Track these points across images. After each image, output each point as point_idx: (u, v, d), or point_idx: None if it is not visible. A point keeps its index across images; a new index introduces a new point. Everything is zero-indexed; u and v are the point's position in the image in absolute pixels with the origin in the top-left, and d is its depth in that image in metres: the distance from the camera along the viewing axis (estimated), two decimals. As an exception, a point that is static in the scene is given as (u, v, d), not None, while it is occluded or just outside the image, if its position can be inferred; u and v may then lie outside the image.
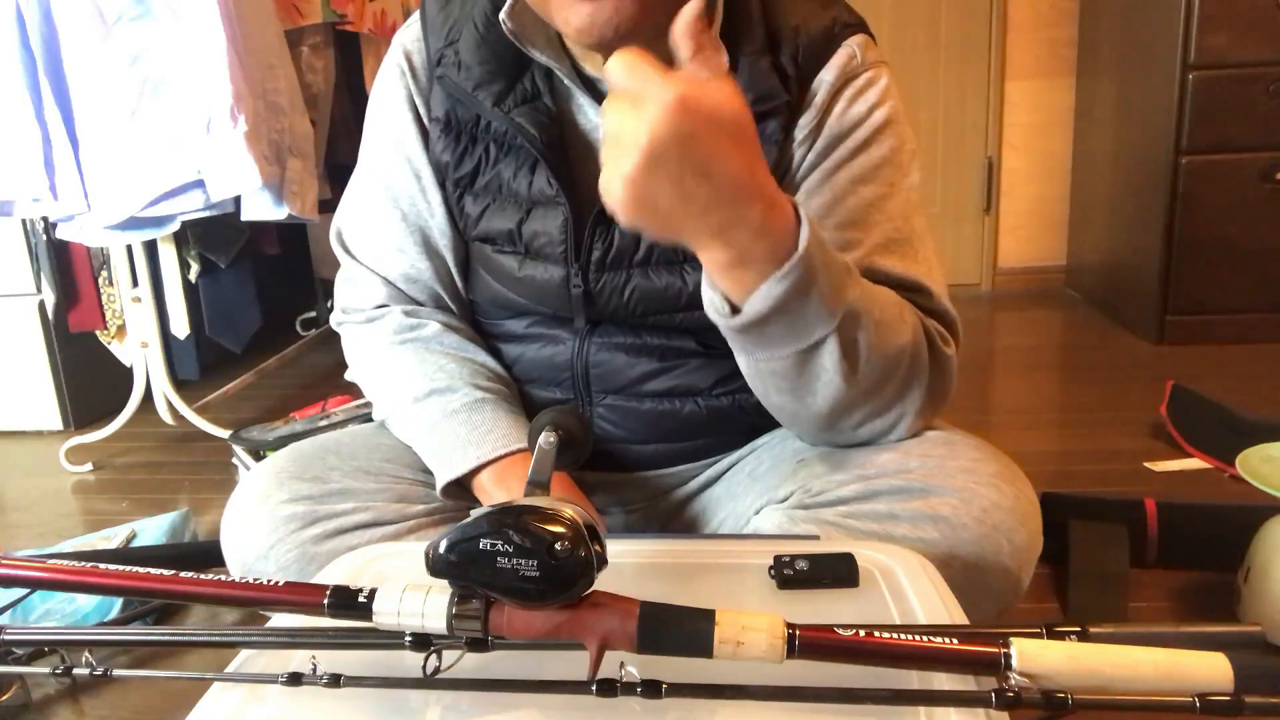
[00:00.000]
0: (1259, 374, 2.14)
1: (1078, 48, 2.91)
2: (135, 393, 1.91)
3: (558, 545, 0.46)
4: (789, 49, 0.81)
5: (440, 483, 0.82)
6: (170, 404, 1.91)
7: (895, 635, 0.48)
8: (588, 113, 0.85)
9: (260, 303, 2.19)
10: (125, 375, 1.96)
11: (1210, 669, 0.45)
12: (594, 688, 0.47)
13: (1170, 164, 2.27)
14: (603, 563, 0.47)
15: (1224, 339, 2.33)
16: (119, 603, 1.22)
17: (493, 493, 0.80)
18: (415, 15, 0.91)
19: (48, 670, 0.54)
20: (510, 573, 0.46)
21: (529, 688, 0.49)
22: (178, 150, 1.60)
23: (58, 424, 2.12)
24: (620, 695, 0.47)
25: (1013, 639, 0.47)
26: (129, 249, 1.85)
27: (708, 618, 0.47)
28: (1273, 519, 1.09)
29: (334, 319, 0.97)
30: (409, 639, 0.50)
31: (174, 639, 0.82)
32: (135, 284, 1.88)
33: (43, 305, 2.04)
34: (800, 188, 0.83)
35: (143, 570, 0.53)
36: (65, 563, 0.54)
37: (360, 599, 0.50)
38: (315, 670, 0.50)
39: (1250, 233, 2.28)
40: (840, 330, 0.68)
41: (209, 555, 1.32)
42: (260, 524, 0.79)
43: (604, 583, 0.48)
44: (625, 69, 0.56)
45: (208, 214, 1.69)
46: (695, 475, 0.94)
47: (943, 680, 0.50)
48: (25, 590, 0.73)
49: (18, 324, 2.06)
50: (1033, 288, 3.09)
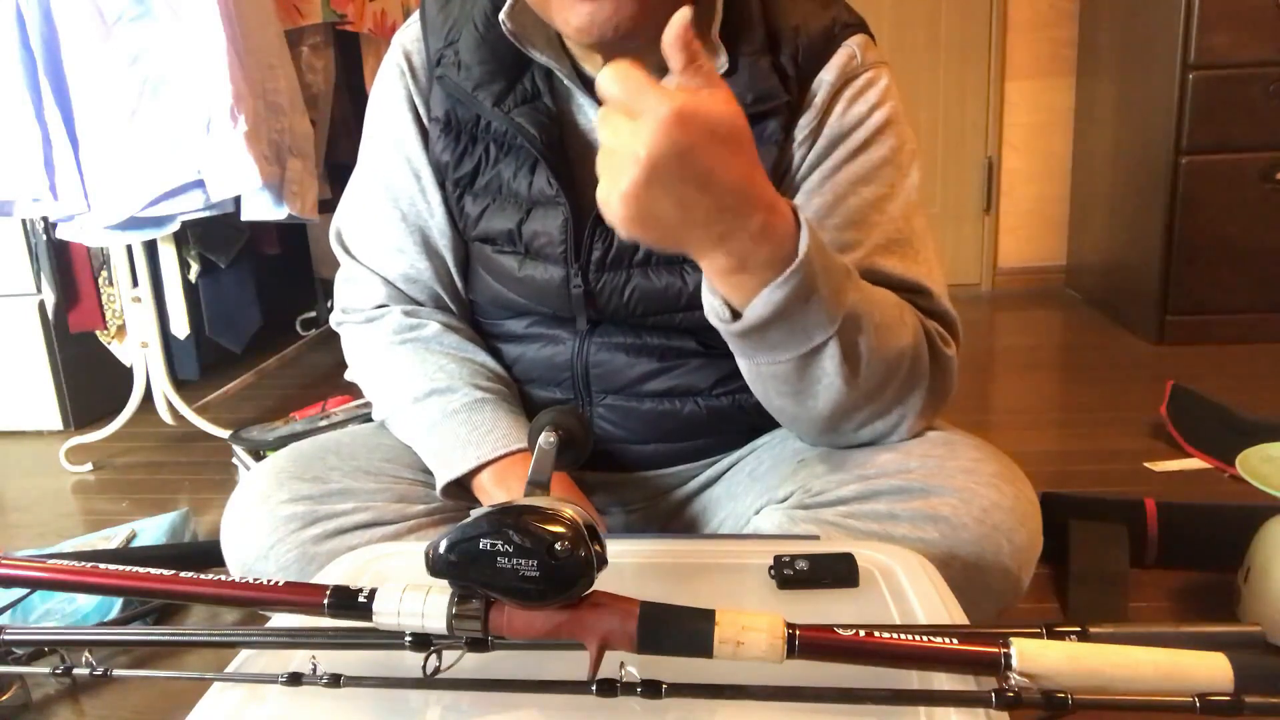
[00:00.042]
0: (1259, 374, 2.14)
1: (1078, 48, 2.91)
2: (135, 393, 1.91)
3: (558, 545, 0.46)
4: (789, 49, 0.81)
5: (440, 483, 0.82)
6: (170, 404, 1.91)
7: (895, 635, 0.48)
8: (588, 113, 0.85)
9: (260, 303, 2.19)
10: (125, 375, 1.96)
11: (1210, 669, 0.45)
12: (594, 688, 0.47)
13: (1170, 164, 2.27)
14: (603, 563, 0.47)
15: (1224, 339, 2.33)
16: (119, 603, 1.22)
17: (493, 493, 0.80)
18: (415, 15, 0.91)
19: (48, 670, 0.54)
20: (510, 573, 0.46)
21: (529, 688, 0.49)
22: (178, 150, 1.60)
23: (58, 424, 2.12)
24: (620, 695, 0.47)
25: (1013, 639, 0.47)
26: (129, 249, 1.85)
27: (708, 618, 0.47)
28: (1273, 519, 1.09)
29: (334, 319, 0.97)
30: (409, 639, 0.50)
31: (174, 639, 0.82)
32: (135, 284, 1.88)
33: (43, 305, 2.04)
34: (800, 188, 0.82)
35: (143, 570, 0.53)
36: (65, 563, 0.54)
37: (360, 599, 0.50)
38: (315, 670, 0.50)
39: (1250, 233, 2.28)
40: (841, 334, 0.68)
41: (209, 555, 1.32)
42: (260, 524, 0.79)
43: (604, 583, 0.48)
44: (619, 81, 0.55)
45: (208, 214, 1.69)
46: (695, 475, 0.94)
47: (943, 680, 0.50)
48: (25, 590, 0.73)
49: (18, 324, 2.06)
50: (1033, 288, 3.09)
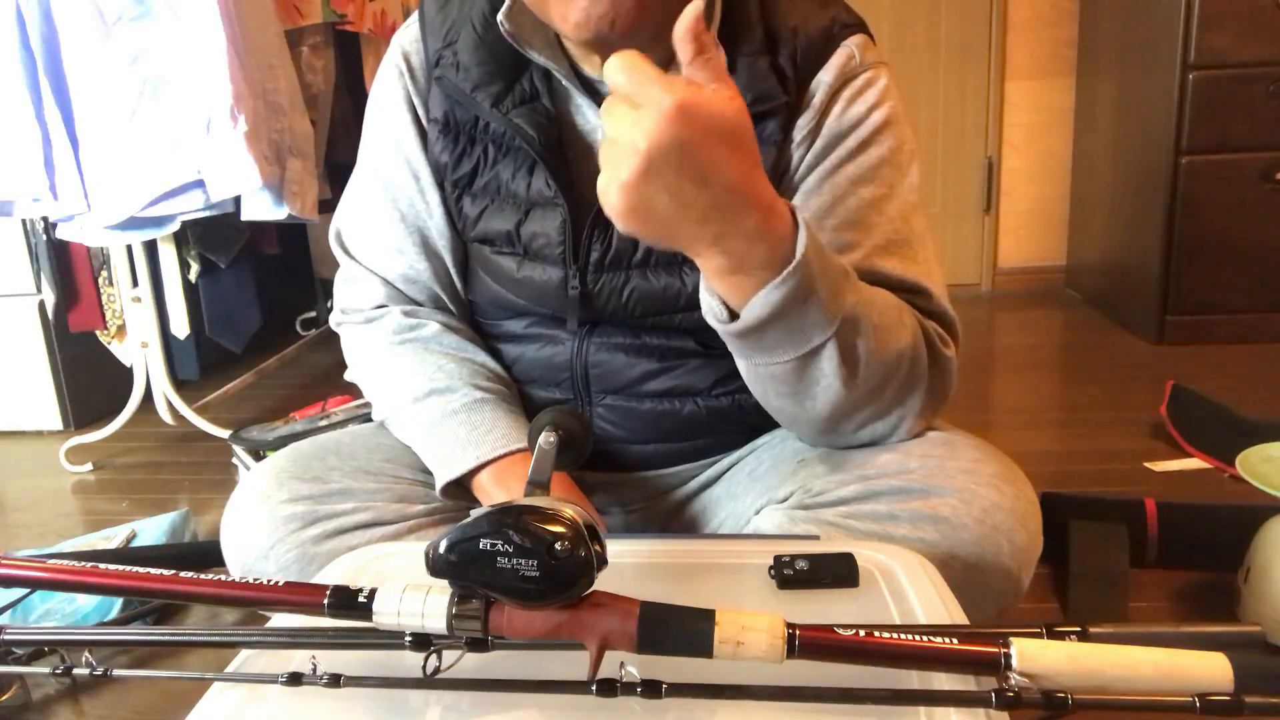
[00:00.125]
0: (1259, 374, 2.14)
1: (1078, 48, 2.91)
2: (135, 393, 1.91)
3: (558, 545, 0.46)
4: (787, 49, 0.81)
5: (440, 483, 0.82)
6: (170, 404, 1.91)
7: (895, 635, 0.48)
8: (586, 114, 0.85)
9: (260, 303, 2.19)
10: (125, 375, 1.96)
11: (1210, 669, 0.45)
12: (594, 688, 0.47)
13: (1170, 164, 2.27)
14: (603, 563, 0.47)
15: (1224, 339, 2.33)
16: (119, 603, 1.22)
17: (492, 493, 0.80)
18: (414, 16, 0.91)
19: (48, 670, 0.54)
20: (510, 573, 0.46)
21: (529, 688, 0.49)
22: (178, 150, 1.60)
23: (58, 424, 2.12)
24: (620, 695, 0.47)
25: (1013, 639, 0.47)
26: (129, 249, 1.85)
27: (708, 618, 0.47)
28: (1273, 519, 1.09)
29: (333, 319, 0.97)
30: (409, 639, 0.50)
31: (174, 639, 0.82)
32: (135, 284, 1.88)
33: (43, 305, 2.04)
34: (799, 189, 0.82)
35: (143, 570, 0.53)
36: (65, 563, 0.54)
37: (360, 599, 0.50)
38: (315, 670, 0.50)
39: (1250, 233, 2.28)
40: (839, 335, 0.68)
41: (209, 555, 1.32)
42: (260, 524, 0.79)
43: (604, 583, 0.48)
44: (624, 71, 0.55)
45: (208, 214, 1.69)
46: (695, 475, 0.94)
47: (943, 680, 0.50)
48: (25, 590, 0.73)
49: (18, 324, 2.06)
50: (1033, 288, 3.09)
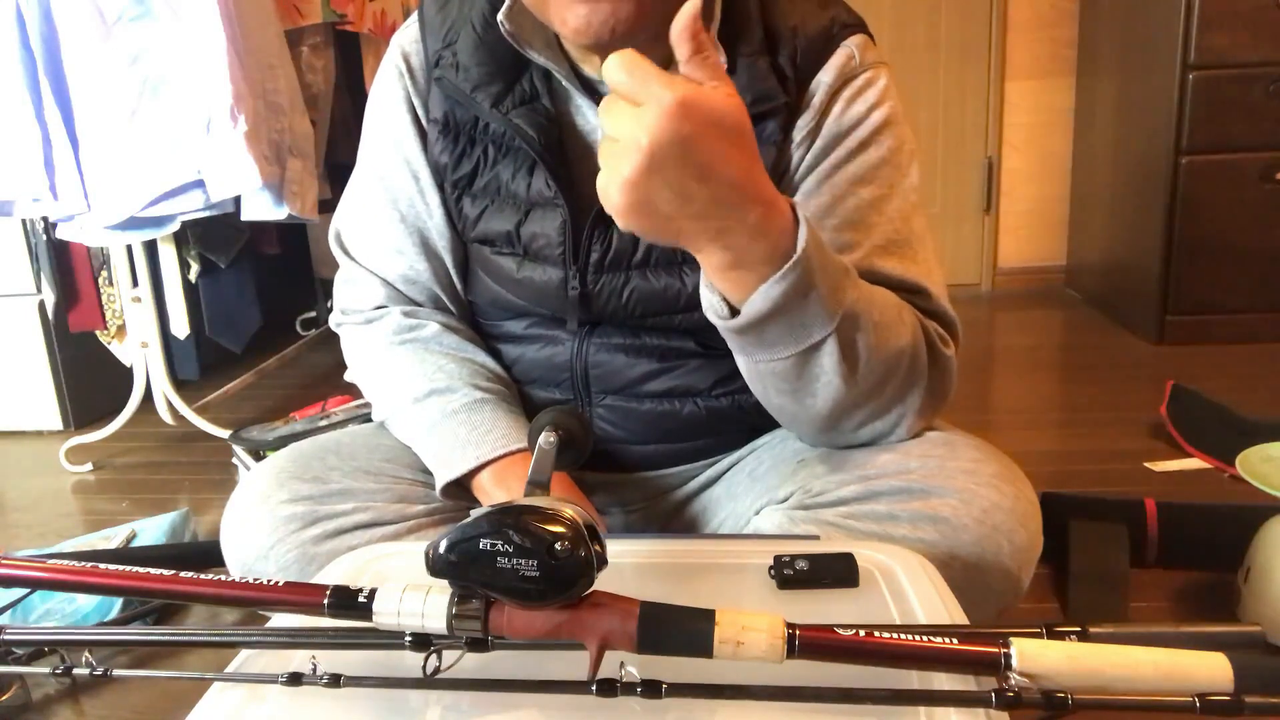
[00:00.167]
0: (1259, 374, 2.14)
1: (1078, 48, 2.91)
2: (135, 393, 1.91)
3: (558, 545, 0.46)
4: (787, 49, 0.81)
5: (440, 483, 0.82)
6: (170, 404, 1.91)
7: (895, 635, 0.48)
8: (586, 114, 0.85)
9: (260, 303, 2.19)
10: (125, 375, 1.96)
11: (1210, 669, 0.45)
12: (594, 688, 0.47)
13: (1170, 164, 2.27)
14: (603, 563, 0.47)
15: (1224, 339, 2.33)
16: (119, 603, 1.22)
17: (492, 493, 0.80)
18: (414, 16, 0.91)
19: (48, 670, 0.54)
20: (510, 573, 0.46)
21: (529, 688, 0.49)
22: (178, 150, 1.60)
23: (58, 424, 2.12)
24: (620, 695, 0.47)
25: (1013, 639, 0.47)
26: (129, 249, 1.85)
27: (708, 618, 0.47)
28: (1273, 519, 1.09)
29: (333, 320, 0.97)
30: (409, 639, 0.50)
31: (174, 639, 0.82)
32: (135, 284, 1.88)
33: (43, 305, 2.04)
34: (799, 189, 0.82)
35: (143, 570, 0.53)
36: (65, 563, 0.54)
37: (360, 599, 0.50)
38: (315, 670, 0.50)
39: (1250, 233, 2.28)
40: (839, 332, 0.68)
41: (209, 555, 1.32)
42: (260, 524, 0.79)
43: (604, 583, 0.48)
44: (623, 69, 0.55)
45: (208, 214, 1.69)
46: (695, 475, 0.94)
47: (943, 680, 0.50)
48: (25, 590, 0.73)
49: (18, 324, 2.06)
50: (1033, 288, 3.09)
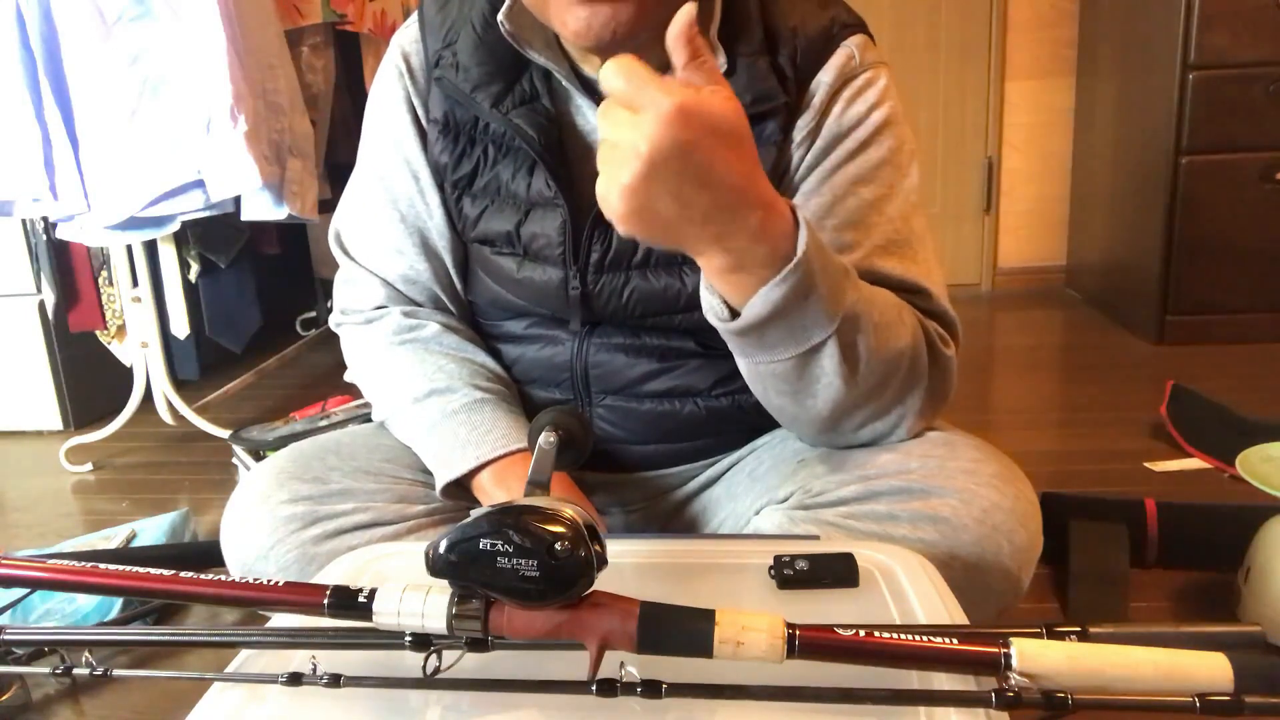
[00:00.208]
0: (1259, 374, 2.14)
1: (1078, 48, 2.91)
2: (135, 393, 1.91)
3: (558, 545, 0.46)
4: (787, 49, 0.81)
5: (440, 483, 0.82)
6: (170, 404, 1.91)
7: (895, 635, 0.48)
8: (586, 114, 0.85)
9: (260, 303, 2.19)
10: (125, 375, 1.96)
11: (1210, 669, 0.45)
12: (594, 688, 0.47)
13: (1170, 164, 2.27)
14: (603, 563, 0.47)
15: (1224, 339, 2.33)
16: (119, 603, 1.22)
17: (492, 493, 0.80)
18: (414, 16, 0.91)
19: (48, 670, 0.54)
20: (510, 573, 0.46)
21: (529, 688, 0.49)
22: (178, 150, 1.60)
23: (58, 424, 2.12)
24: (620, 695, 0.47)
25: (1013, 639, 0.47)
26: (129, 249, 1.85)
27: (708, 618, 0.47)
28: (1273, 519, 1.09)
29: (333, 320, 0.97)
30: (409, 639, 0.50)
31: (174, 639, 0.82)
32: (135, 284, 1.88)
33: (43, 305, 2.04)
34: (799, 189, 0.82)
35: (143, 570, 0.53)
36: (65, 563, 0.54)
37: (360, 599, 0.50)
38: (315, 670, 0.50)
39: (1250, 233, 2.28)
40: (839, 333, 0.68)
41: (209, 555, 1.32)
42: (260, 524, 0.79)
43: (604, 583, 0.48)
44: (621, 76, 0.55)
45: (208, 214, 1.69)
46: (695, 475, 0.94)
47: (943, 680, 0.50)
48: (25, 590, 0.73)
49: (18, 324, 2.06)
50: (1033, 288, 3.09)
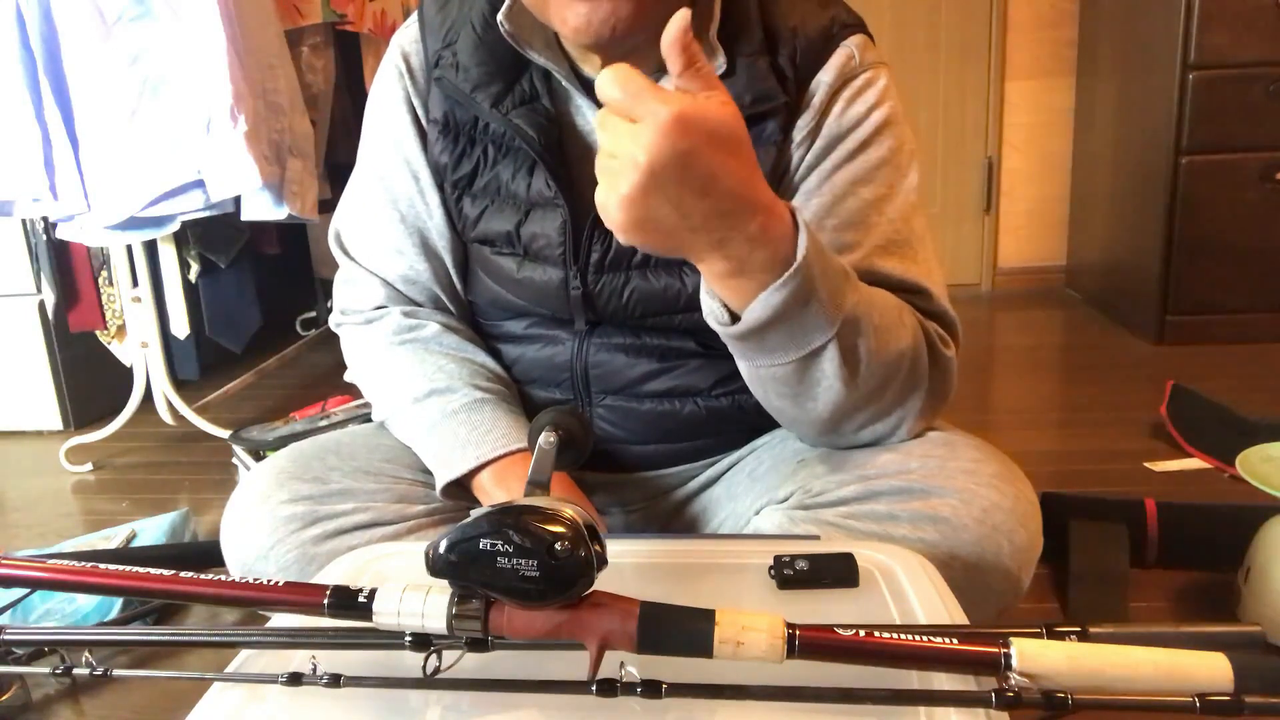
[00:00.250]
0: (1259, 374, 2.14)
1: (1078, 48, 2.91)
2: (135, 393, 1.91)
3: (558, 545, 0.46)
4: (787, 49, 0.81)
5: (440, 483, 0.82)
6: (170, 404, 1.91)
7: (895, 635, 0.48)
8: (586, 114, 0.85)
9: (260, 303, 2.19)
10: (125, 375, 1.96)
11: (1210, 669, 0.45)
12: (594, 688, 0.47)
13: (1170, 164, 2.27)
14: (603, 563, 0.47)
15: (1224, 339, 2.33)
16: (119, 603, 1.22)
17: (492, 493, 0.80)
18: (414, 16, 0.91)
19: (48, 670, 0.54)
20: (510, 573, 0.46)
21: (529, 688, 0.49)
22: (178, 150, 1.60)
23: (58, 424, 2.12)
24: (620, 695, 0.47)
25: (1013, 639, 0.47)
26: (129, 249, 1.85)
27: (708, 618, 0.47)
28: (1273, 519, 1.09)
29: (333, 320, 0.97)
30: (409, 639, 0.50)
31: (174, 639, 0.82)
32: (135, 284, 1.88)
33: (43, 305, 2.04)
34: (799, 189, 0.82)
35: (143, 570, 0.53)
36: (65, 563, 0.54)
37: (360, 599, 0.50)
38: (315, 670, 0.50)
39: (1250, 233, 2.28)
40: (840, 337, 0.68)
41: (209, 555, 1.32)
42: (260, 524, 0.79)
43: (604, 583, 0.48)
44: (617, 85, 0.55)
45: (208, 214, 1.69)
46: (695, 475, 0.94)
47: (943, 680, 0.50)
48: (25, 590, 0.73)
49: (18, 324, 2.06)
50: (1033, 288, 3.09)
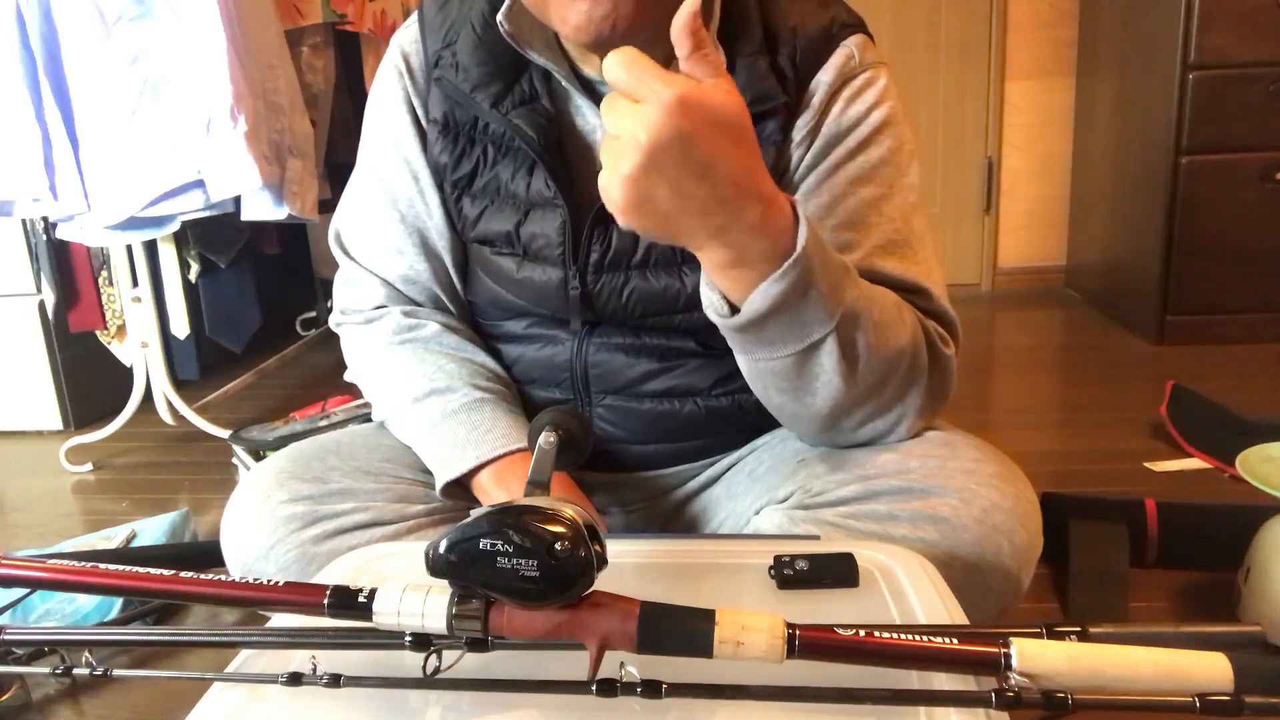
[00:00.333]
0: (1259, 374, 2.14)
1: (1078, 48, 2.91)
2: (135, 393, 1.91)
3: (558, 545, 0.46)
4: (787, 49, 0.81)
5: (440, 483, 0.82)
6: (170, 404, 1.91)
7: (895, 635, 0.48)
8: (586, 114, 0.85)
9: (260, 303, 2.19)
10: (125, 375, 1.96)
11: (1210, 669, 0.45)
12: (594, 688, 0.47)
13: (1170, 164, 2.27)
14: (603, 563, 0.47)
15: (1224, 339, 2.33)
16: (119, 603, 1.22)
17: (492, 493, 0.80)
18: (413, 16, 0.91)
19: (48, 670, 0.54)
20: (510, 573, 0.46)
21: (529, 688, 0.49)
22: (178, 150, 1.60)
23: (58, 424, 2.12)
24: (620, 695, 0.47)
25: (1013, 639, 0.47)
26: (129, 249, 1.85)
27: (708, 618, 0.47)
28: (1273, 519, 1.09)
29: (333, 320, 0.97)
30: (409, 639, 0.50)
31: (174, 639, 0.82)
32: (135, 284, 1.88)
33: (43, 305, 2.04)
34: (798, 189, 0.82)
35: (143, 570, 0.53)
36: (65, 563, 0.54)
37: (360, 599, 0.50)
38: (315, 670, 0.50)
39: (1250, 233, 2.28)
40: (839, 331, 0.68)
41: (209, 555, 1.32)
42: (260, 524, 0.79)
43: (604, 583, 0.48)
44: (623, 66, 0.55)
45: (208, 214, 1.69)
46: (695, 475, 0.94)
47: (943, 680, 0.50)
48: (25, 590, 0.73)
49: (18, 324, 2.06)
50: (1032, 288, 3.09)
